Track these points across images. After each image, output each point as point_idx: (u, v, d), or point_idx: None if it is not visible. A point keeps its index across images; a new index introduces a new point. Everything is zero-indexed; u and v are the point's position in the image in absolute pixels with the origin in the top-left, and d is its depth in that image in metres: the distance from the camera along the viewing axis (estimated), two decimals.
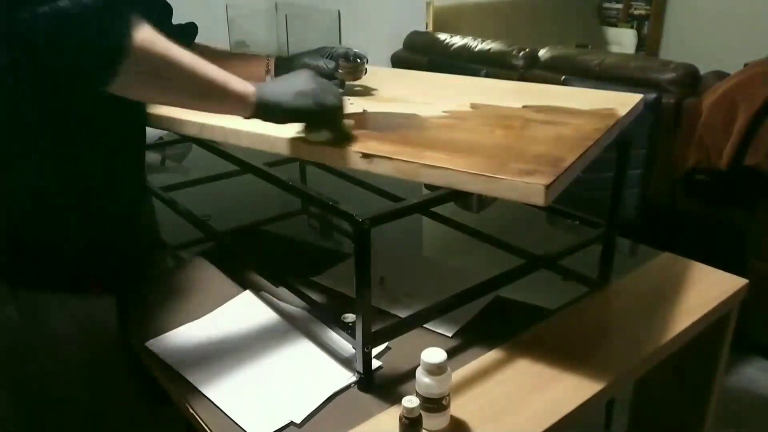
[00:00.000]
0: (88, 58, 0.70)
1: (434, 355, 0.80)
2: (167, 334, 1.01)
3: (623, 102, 1.11)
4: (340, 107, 0.93)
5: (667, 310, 1.07)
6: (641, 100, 1.14)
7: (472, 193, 0.85)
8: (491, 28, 3.90)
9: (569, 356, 0.95)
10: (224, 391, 0.89)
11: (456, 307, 0.99)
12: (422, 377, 0.80)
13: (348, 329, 0.90)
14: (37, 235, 0.90)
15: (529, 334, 1.01)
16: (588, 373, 0.92)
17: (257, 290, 1.13)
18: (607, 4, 4.94)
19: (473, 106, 1.13)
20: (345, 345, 0.95)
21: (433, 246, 1.45)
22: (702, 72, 2.24)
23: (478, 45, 2.96)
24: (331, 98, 0.91)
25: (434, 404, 0.80)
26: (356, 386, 0.90)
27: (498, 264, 1.11)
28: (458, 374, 0.91)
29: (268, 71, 1.18)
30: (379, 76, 1.32)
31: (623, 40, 4.77)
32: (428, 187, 0.91)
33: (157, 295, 1.13)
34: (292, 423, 0.83)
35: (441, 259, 1.35)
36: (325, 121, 0.93)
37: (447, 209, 1.39)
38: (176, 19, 1.16)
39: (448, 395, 0.81)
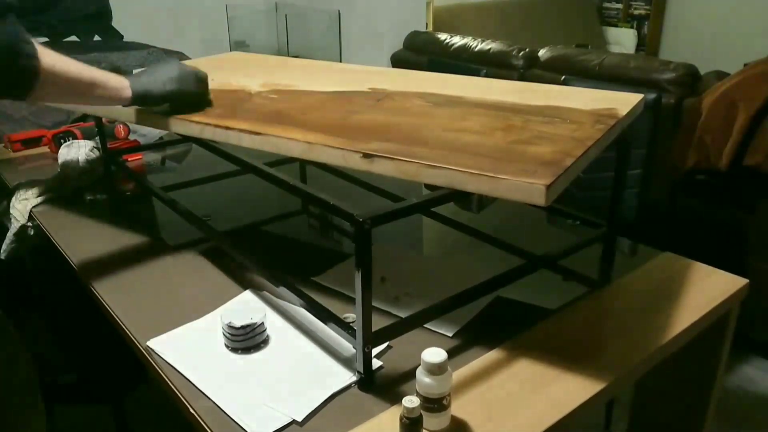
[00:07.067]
0: (13, 82, 0.90)
1: (435, 354, 0.80)
2: (167, 333, 1.01)
3: (623, 102, 1.11)
4: (203, 91, 1.15)
5: (667, 310, 1.07)
6: (641, 100, 1.14)
7: (472, 193, 0.85)
8: (491, 28, 3.91)
9: (569, 356, 0.96)
10: (224, 391, 0.89)
11: (456, 307, 0.99)
12: (423, 377, 0.80)
13: (348, 329, 0.90)
14: None
15: (529, 334, 1.01)
16: (588, 373, 0.92)
17: (257, 290, 1.13)
18: (607, 4, 4.95)
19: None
20: (345, 345, 0.95)
21: (433, 246, 1.45)
22: (702, 72, 2.24)
23: (478, 45, 2.96)
24: (194, 83, 1.11)
25: (435, 404, 0.80)
26: (357, 386, 0.90)
27: (498, 264, 1.11)
28: (459, 374, 0.91)
29: None
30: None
31: (623, 40, 4.78)
32: (428, 187, 0.91)
33: (157, 294, 1.13)
34: (294, 421, 0.83)
35: (441, 259, 1.35)
36: (190, 102, 1.12)
37: (447, 209, 1.40)
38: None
39: (449, 395, 0.81)
